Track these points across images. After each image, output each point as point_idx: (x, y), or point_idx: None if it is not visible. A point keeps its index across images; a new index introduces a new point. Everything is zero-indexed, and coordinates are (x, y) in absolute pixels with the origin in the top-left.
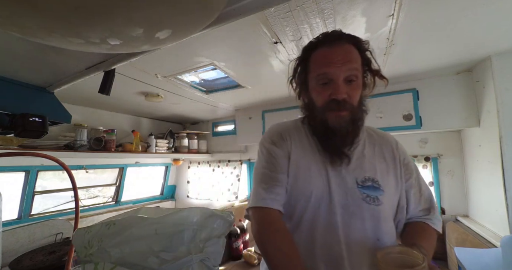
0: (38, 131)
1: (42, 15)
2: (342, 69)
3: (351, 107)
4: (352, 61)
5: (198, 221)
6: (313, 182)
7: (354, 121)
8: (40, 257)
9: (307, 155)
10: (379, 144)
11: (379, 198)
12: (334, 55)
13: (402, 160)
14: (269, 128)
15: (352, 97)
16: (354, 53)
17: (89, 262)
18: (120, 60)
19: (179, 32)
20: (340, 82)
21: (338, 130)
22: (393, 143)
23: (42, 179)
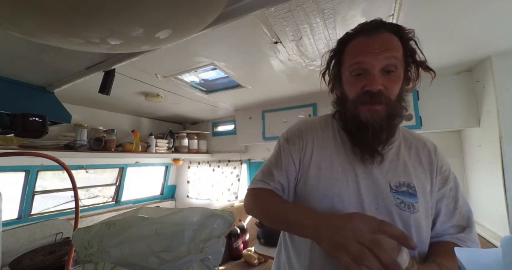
0: (38, 131)
1: (42, 14)
2: (378, 58)
3: (387, 100)
4: (391, 50)
5: (198, 221)
6: (337, 184)
7: (391, 117)
8: (40, 257)
9: (331, 155)
10: (416, 146)
11: (415, 205)
12: (370, 43)
13: (440, 168)
14: (295, 123)
15: (389, 90)
16: (394, 41)
17: (89, 262)
18: (120, 60)
19: (179, 32)
20: (375, 72)
21: (371, 125)
22: (431, 148)
23: (42, 179)
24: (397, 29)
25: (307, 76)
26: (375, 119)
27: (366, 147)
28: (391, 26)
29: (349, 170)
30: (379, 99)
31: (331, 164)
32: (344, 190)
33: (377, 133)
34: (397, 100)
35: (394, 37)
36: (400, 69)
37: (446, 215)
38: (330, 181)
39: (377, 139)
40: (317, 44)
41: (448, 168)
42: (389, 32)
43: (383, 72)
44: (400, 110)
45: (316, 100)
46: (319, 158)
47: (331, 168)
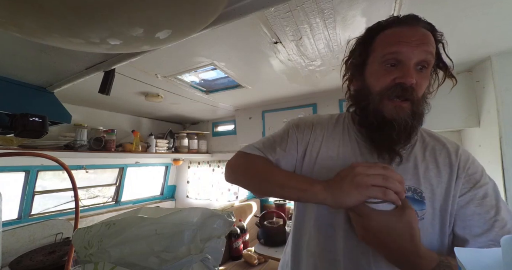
0: (38, 131)
1: (42, 15)
2: (416, 51)
3: (415, 98)
4: (428, 45)
5: (198, 221)
6: None
7: (415, 116)
8: (40, 257)
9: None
10: (432, 147)
11: (418, 213)
12: (409, 34)
13: (464, 169)
14: (308, 116)
15: (419, 87)
16: (431, 38)
17: (89, 262)
18: (120, 60)
19: (179, 32)
20: (411, 65)
21: (397, 122)
22: (452, 148)
23: (42, 179)
24: (432, 27)
25: (307, 76)
26: (401, 116)
27: (387, 145)
28: (427, 23)
29: None
30: (410, 94)
31: (336, 163)
32: None
33: (401, 132)
34: (422, 100)
35: (431, 36)
36: (430, 68)
37: (480, 227)
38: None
39: (400, 138)
40: (317, 44)
41: (479, 171)
42: (425, 27)
43: (416, 67)
44: (424, 110)
45: (316, 100)
46: (326, 152)
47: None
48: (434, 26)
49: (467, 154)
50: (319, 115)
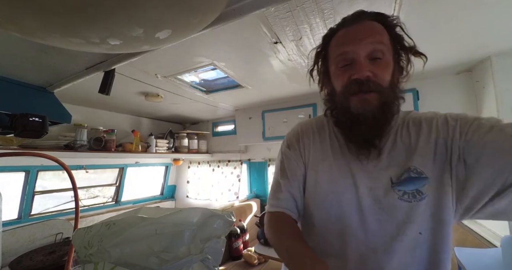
0: (38, 131)
1: (42, 15)
2: (362, 44)
3: (379, 88)
4: (375, 35)
5: (198, 221)
6: (335, 189)
7: (384, 106)
8: (40, 257)
9: (328, 157)
10: (418, 126)
11: (421, 189)
12: (353, 32)
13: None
14: (293, 127)
15: (378, 76)
16: (378, 27)
17: (89, 262)
18: (120, 60)
19: (179, 32)
20: (361, 59)
21: (363, 115)
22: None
23: (42, 179)
24: (380, 16)
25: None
26: (366, 109)
27: (361, 140)
28: (373, 14)
29: (347, 172)
30: (367, 86)
31: (330, 167)
32: (342, 195)
33: (371, 125)
34: (390, 88)
35: (378, 24)
36: (388, 55)
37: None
38: (328, 186)
39: (371, 131)
40: (317, 44)
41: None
42: (371, 20)
43: (370, 59)
44: (395, 99)
45: (316, 100)
46: (316, 161)
47: (329, 172)
48: (384, 14)
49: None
50: (302, 122)
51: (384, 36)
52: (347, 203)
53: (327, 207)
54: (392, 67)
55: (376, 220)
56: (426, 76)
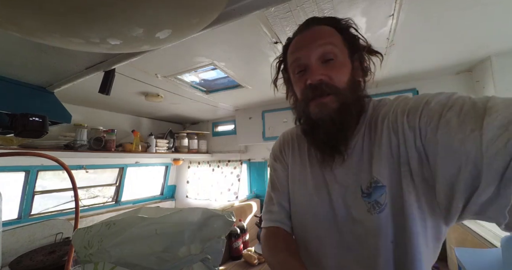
0: (38, 131)
1: (42, 15)
2: (311, 48)
3: (335, 90)
4: (323, 37)
5: (198, 221)
6: (311, 199)
7: (344, 108)
8: (40, 257)
9: (304, 167)
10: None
11: (379, 200)
12: (303, 38)
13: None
14: (278, 137)
15: (333, 78)
16: (328, 30)
17: (89, 262)
18: (120, 60)
19: (179, 32)
20: (313, 63)
21: (321, 120)
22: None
23: (42, 179)
24: (331, 20)
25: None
26: (324, 112)
27: (322, 146)
28: (324, 20)
29: (321, 181)
30: (321, 90)
31: (305, 178)
32: (317, 207)
33: (330, 128)
34: (348, 89)
35: (328, 28)
36: (342, 56)
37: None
38: (304, 197)
39: (331, 135)
40: None
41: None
42: (321, 25)
43: (323, 61)
44: (357, 99)
45: None
46: (294, 172)
47: (305, 182)
48: (335, 18)
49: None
50: (285, 133)
51: (335, 37)
52: (323, 215)
53: (303, 220)
54: (350, 68)
55: (349, 231)
56: (426, 76)
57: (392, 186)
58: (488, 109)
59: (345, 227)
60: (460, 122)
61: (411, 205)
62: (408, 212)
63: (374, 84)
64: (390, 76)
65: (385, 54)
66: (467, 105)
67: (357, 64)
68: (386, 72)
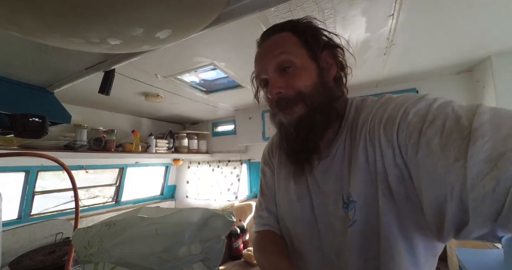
0: (38, 131)
1: (42, 15)
2: (266, 61)
3: (301, 97)
4: (276, 47)
5: (199, 221)
6: (294, 206)
7: (312, 112)
8: (40, 257)
9: (288, 175)
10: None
11: (348, 214)
12: (260, 52)
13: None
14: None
15: (294, 86)
16: (283, 38)
17: (89, 262)
18: (120, 60)
19: (180, 32)
20: (270, 76)
21: (286, 130)
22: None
23: (42, 179)
24: (287, 25)
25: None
26: (290, 123)
27: (293, 157)
28: (282, 26)
29: (304, 188)
30: (285, 103)
31: (288, 182)
32: (299, 214)
33: (295, 140)
34: (316, 92)
35: (285, 34)
36: (301, 60)
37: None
38: (287, 204)
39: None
40: None
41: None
42: (281, 32)
43: (281, 72)
44: (328, 102)
45: None
46: (279, 177)
47: (288, 188)
48: (291, 21)
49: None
50: (273, 136)
51: (289, 43)
52: (305, 223)
53: (287, 227)
54: (313, 69)
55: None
56: (426, 76)
57: (366, 203)
58: (474, 131)
59: (325, 237)
60: (443, 146)
61: (389, 224)
62: (384, 231)
63: (374, 84)
64: (390, 76)
65: (385, 54)
66: (450, 121)
67: (327, 63)
68: (386, 72)
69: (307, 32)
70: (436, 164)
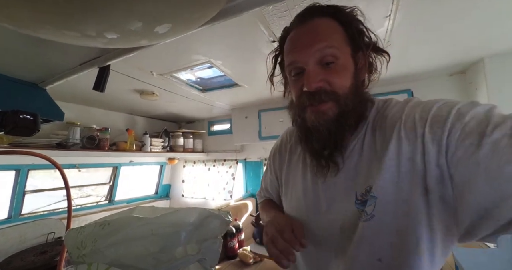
0: (29, 129)
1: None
2: (310, 52)
3: (335, 97)
4: (324, 38)
5: (195, 221)
6: (303, 204)
7: (342, 116)
8: (31, 257)
9: (299, 170)
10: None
11: (366, 210)
12: (301, 37)
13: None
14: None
15: (333, 84)
16: (329, 27)
17: (82, 263)
18: (115, 56)
19: (179, 27)
20: (310, 67)
21: (316, 129)
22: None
23: (33, 178)
24: (334, 11)
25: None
26: (320, 122)
27: (317, 156)
28: (326, 9)
29: (314, 186)
30: (319, 98)
31: (298, 181)
32: (308, 210)
33: (325, 140)
34: (351, 94)
35: (330, 22)
36: (344, 57)
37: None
38: (296, 201)
39: (326, 146)
40: None
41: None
42: (323, 17)
43: (322, 65)
44: (358, 105)
45: None
46: (288, 174)
47: (296, 185)
48: (337, 7)
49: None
50: (289, 132)
51: (335, 35)
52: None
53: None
54: (353, 69)
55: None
56: (420, 77)
57: (392, 200)
58: None
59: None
60: None
61: (419, 223)
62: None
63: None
64: (385, 77)
65: None
66: None
67: (361, 63)
68: (382, 73)
69: (353, 26)
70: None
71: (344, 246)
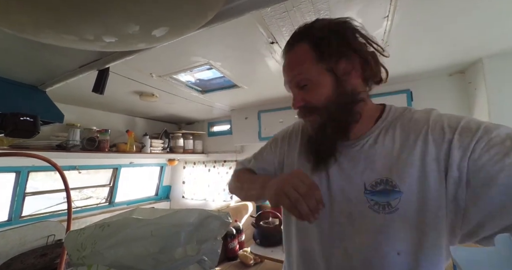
0: (29, 131)
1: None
2: (290, 79)
3: (316, 110)
4: (295, 67)
5: (195, 222)
6: None
7: (332, 120)
8: (31, 260)
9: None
10: (407, 131)
11: (391, 203)
12: (285, 64)
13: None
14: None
15: (310, 102)
16: (302, 54)
17: (82, 265)
18: (114, 59)
19: (176, 30)
20: (292, 91)
21: (311, 132)
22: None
23: (33, 180)
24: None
25: None
26: (312, 128)
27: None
28: (301, 35)
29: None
30: (305, 113)
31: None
32: None
33: (320, 142)
34: (332, 103)
35: (303, 47)
36: (317, 76)
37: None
38: None
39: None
40: None
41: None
42: (301, 41)
43: (299, 87)
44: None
45: None
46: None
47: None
48: (311, 28)
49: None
50: (298, 123)
51: (307, 61)
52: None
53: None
54: (330, 81)
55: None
56: (419, 77)
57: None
58: None
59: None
60: None
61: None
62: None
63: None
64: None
65: (379, 56)
66: None
67: (347, 68)
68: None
69: (323, 42)
70: None
71: (350, 234)
